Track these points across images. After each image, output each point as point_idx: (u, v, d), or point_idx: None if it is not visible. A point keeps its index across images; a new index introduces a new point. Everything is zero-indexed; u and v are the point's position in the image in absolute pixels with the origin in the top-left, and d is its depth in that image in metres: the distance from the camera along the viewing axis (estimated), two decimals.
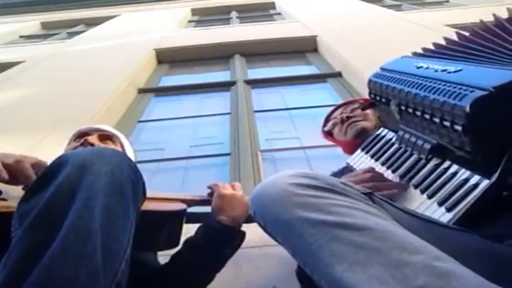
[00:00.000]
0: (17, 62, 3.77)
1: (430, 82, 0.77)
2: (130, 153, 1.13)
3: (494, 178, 0.66)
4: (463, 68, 0.76)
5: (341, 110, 1.30)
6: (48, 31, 6.88)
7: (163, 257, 0.95)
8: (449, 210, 0.71)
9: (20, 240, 0.54)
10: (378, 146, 0.99)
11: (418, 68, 0.85)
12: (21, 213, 0.57)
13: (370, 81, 0.95)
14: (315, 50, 3.72)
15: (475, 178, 0.70)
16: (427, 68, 0.83)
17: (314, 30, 3.94)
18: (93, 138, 1.07)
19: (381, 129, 1.03)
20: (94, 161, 0.60)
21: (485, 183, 0.68)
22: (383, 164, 0.92)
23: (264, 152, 1.97)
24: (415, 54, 0.96)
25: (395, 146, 0.92)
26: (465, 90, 0.68)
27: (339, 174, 1.09)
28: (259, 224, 0.61)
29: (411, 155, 0.86)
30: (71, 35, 5.92)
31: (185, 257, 0.88)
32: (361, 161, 1.01)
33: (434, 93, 0.73)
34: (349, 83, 2.73)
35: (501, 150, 0.66)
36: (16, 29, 6.50)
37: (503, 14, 0.86)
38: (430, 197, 0.76)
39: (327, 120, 1.34)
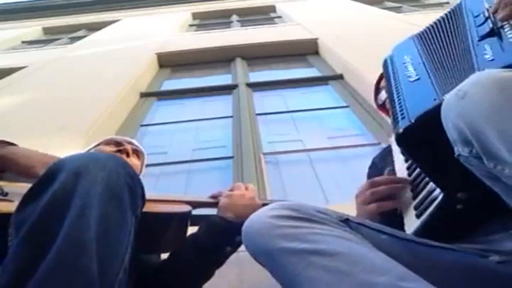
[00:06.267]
0: (19, 68, 3.79)
1: (395, 90, 0.79)
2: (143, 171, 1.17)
3: (443, 194, 0.69)
4: (421, 77, 0.77)
5: None
6: (50, 36, 6.91)
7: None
8: (418, 217, 0.73)
9: (16, 251, 0.53)
10: None
11: (403, 63, 0.85)
12: (17, 222, 0.56)
13: (383, 63, 0.95)
14: (316, 52, 3.72)
15: (437, 191, 0.72)
16: (405, 66, 0.83)
17: (315, 33, 3.95)
18: (130, 150, 1.11)
19: None
20: (90, 166, 0.58)
21: (441, 198, 0.70)
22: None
23: (266, 154, 1.97)
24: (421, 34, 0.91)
25: None
26: (401, 113, 0.70)
27: (380, 158, 1.07)
28: (252, 256, 0.65)
29: None
30: (73, 40, 5.95)
31: (185, 252, 0.87)
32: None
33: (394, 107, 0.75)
34: (350, 85, 2.74)
35: (442, 169, 0.67)
36: (18, 34, 6.53)
37: None
38: (414, 198, 0.78)
39: (377, 89, 1.18)
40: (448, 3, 6.31)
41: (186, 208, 0.88)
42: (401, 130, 0.67)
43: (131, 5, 8.07)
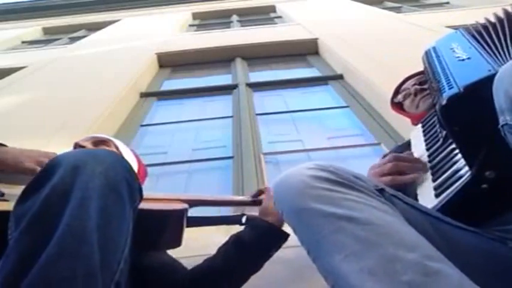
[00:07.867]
0: (19, 68, 3.79)
1: (441, 70, 0.77)
2: (128, 156, 1.13)
3: (472, 171, 0.67)
4: (472, 57, 0.75)
5: (413, 81, 1.20)
6: (50, 36, 6.92)
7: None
8: (436, 196, 0.72)
9: (17, 242, 0.53)
10: (431, 122, 0.97)
11: (450, 49, 0.84)
12: (17, 216, 0.56)
13: (425, 54, 0.93)
14: (316, 52, 3.72)
15: (465, 169, 0.70)
16: (453, 50, 0.82)
17: (315, 33, 3.95)
18: (83, 142, 1.08)
19: None
20: (88, 161, 0.59)
21: (468, 175, 0.68)
22: (425, 141, 0.91)
23: (266, 155, 1.97)
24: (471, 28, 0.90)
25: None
26: (449, 85, 0.69)
27: (400, 147, 1.07)
28: (279, 212, 0.64)
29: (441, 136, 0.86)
30: (73, 40, 5.95)
31: (232, 253, 0.89)
32: (418, 136, 0.99)
33: (440, 81, 0.74)
34: (350, 85, 2.74)
35: (478, 143, 0.66)
36: (18, 34, 6.53)
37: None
38: (434, 180, 0.77)
39: (397, 91, 1.26)
40: (448, 3, 6.32)
41: (181, 206, 0.88)
42: (445, 101, 0.66)
43: (131, 5, 8.08)
